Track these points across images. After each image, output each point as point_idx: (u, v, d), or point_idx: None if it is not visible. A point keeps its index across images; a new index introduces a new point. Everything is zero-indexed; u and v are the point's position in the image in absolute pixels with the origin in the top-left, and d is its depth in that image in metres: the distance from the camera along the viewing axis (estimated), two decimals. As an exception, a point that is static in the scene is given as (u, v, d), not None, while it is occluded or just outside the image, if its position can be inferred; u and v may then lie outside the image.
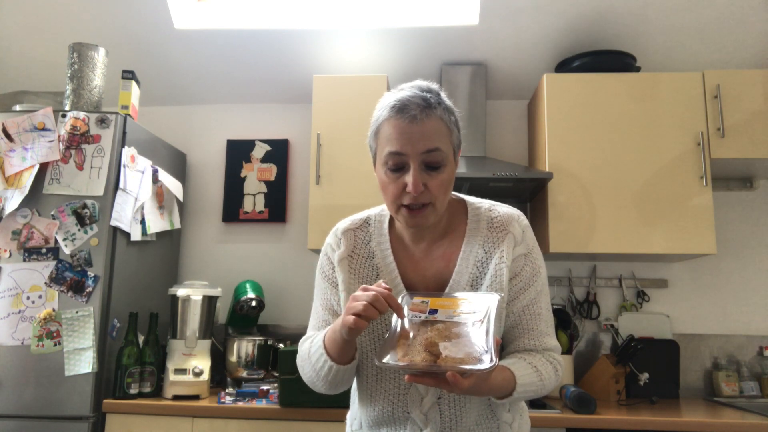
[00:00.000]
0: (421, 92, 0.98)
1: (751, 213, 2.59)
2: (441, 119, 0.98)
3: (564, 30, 2.45)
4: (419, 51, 2.58)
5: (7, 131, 2.13)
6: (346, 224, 1.16)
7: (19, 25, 2.58)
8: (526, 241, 1.08)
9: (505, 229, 1.07)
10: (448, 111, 1.01)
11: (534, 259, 1.09)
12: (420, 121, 0.95)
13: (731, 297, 2.54)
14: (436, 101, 0.98)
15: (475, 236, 1.08)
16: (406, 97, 0.97)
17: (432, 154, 0.96)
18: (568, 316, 2.43)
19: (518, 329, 1.07)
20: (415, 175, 0.96)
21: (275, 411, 1.94)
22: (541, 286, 1.09)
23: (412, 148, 0.96)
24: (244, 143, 2.80)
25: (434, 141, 0.96)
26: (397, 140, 0.96)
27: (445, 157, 0.98)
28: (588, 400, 1.92)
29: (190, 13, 2.51)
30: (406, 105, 0.96)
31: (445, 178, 0.99)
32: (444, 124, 0.98)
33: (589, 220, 2.26)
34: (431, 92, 1.00)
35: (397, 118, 0.97)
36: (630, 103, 2.31)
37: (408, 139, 0.96)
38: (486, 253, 1.06)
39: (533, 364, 1.03)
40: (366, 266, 1.11)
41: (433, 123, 0.97)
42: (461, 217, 1.11)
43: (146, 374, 2.11)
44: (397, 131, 0.96)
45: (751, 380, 2.39)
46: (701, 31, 2.42)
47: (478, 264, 1.06)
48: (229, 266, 2.73)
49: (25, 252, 2.07)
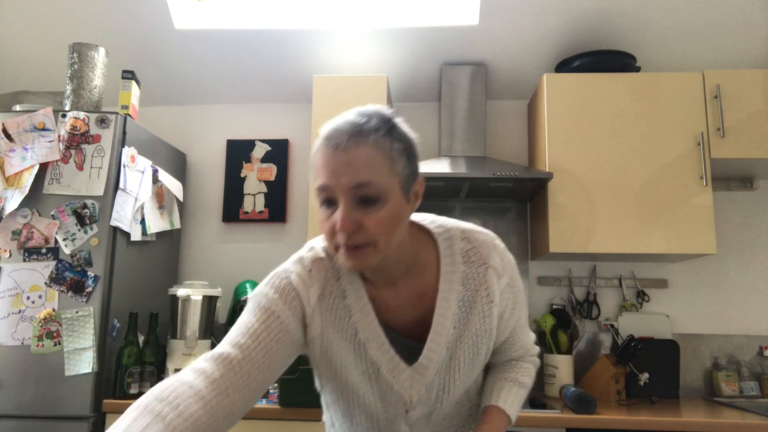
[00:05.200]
0: (356, 116, 0.84)
1: (751, 213, 2.59)
2: (376, 147, 0.82)
3: (564, 30, 2.45)
4: (419, 51, 2.58)
5: (7, 131, 2.13)
6: (313, 253, 0.97)
7: (19, 25, 2.58)
8: (507, 270, 1.00)
9: (484, 262, 0.97)
10: (394, 138, 0.85)
11: (515, 284, 1.02)
12: (345, 149, 0.81)
13: (731, 297, 2.54)
14: (372, 127, 0.83)
15: (452, 272, 0.96)
16: (337, 124, 0.84)
17: (362, 189, 0.81)
18: (568, 316, 2.43)
19: (505, 345, 1.09)
20: (344, 212, 0.82)
21: (275, 411, 1.94)
22: (522, 303, 1.05)
23: (337, 181, 0.81)
24: (244, 143, 2.81)
25: (363, 174, 0.81)
26: (322, 172, 0.83)
27: (383, 191, 0.82)
28: (588, 400, 1.92)
29: (190, 13, 2.51)
30: (334, 133, 0.83)
31: (385, 216, 0.83)
32: (381, 153, 0.82)
33: (589, 220, 2.26)
34: (372, 116, 0.85)
35: (323, 147, 0.83)
36: (630, 103, 2.31)
37: (333, 171, 0.82)
38: (467, 290, 0.96)
39: (517, 381, 1.09)
40: (338, 307, 0.95)
41: (364, 152, 0.81)
42: (430, 251, 0.98)
43: (146, 374, 2.11)
44: (322, 162, 0.83)
45: (751, 380, 2.39)
46: (701, 31, 2.42)
47: (461, 303, 0.96)
48: (229, 266, 2.73)
49: (25, 252, 2.07)
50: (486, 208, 2.68)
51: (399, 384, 0.96)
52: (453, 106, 2.58)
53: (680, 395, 2.39)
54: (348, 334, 0.95)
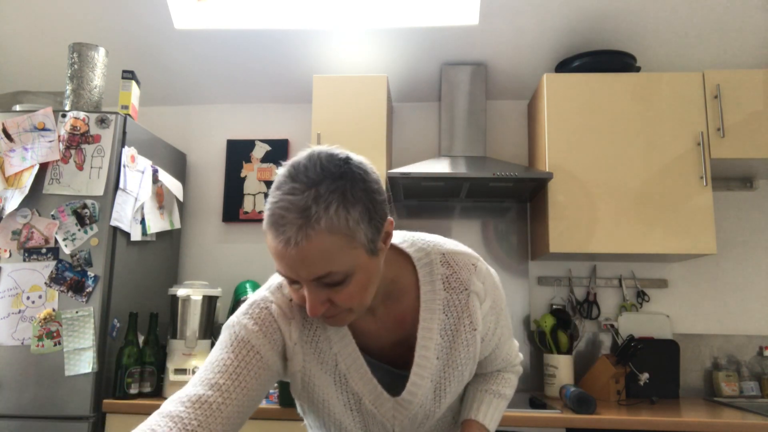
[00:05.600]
0: (301, 193, 0.73)
1: (751, 213, 2.59)
2: (330, 232, 0.72)
3: (564, 30, 2.45)
4: (419, 51, 2.58)
5: (7, 131, 2.13)
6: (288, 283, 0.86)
7: (19, 25, 2.58)
8: (488, 292, 0.96)
9: (465, 288, 0.93)
10: (348, 206, 0.73)
11: (498, 304, 0.98)
12: (296, 245, 0.72)
13: (731, 297, 2.54)
14: (323, 207, 0.72)
15: (432, 300, 0.92)
16: (280, 205, 0.74)
17: (324, 278, 0.75)
18: (568, 316, 2.43)
19: (486, 360, 1.08)
20: (310, 299, 0.77)
21: (275, 411, 1.94)
22: (504, 320, 1.03)
23: (296, 274, 0.75)
24: (244, 143, 2.81)
25: (321, 267, 0.73)
26: (278, 263, 0.76)
27: (346, 271, 0.76)
28: (588, 400, 1.92)
29: (190, 13, 2.51)
30: (280, 220, 0.73)
31: (354, 289, 0.78)
32: (337, 236, 0.73)
33: (589, 220, 2.26)
34: (319, 184, 0.73)
35: (272, 236, 0.74)
36: (630, 103, 2.32)
37: (289, 266, 0.75)
38: (449, 317, 0.93)
39: (498, 393, 1.10)
40: (319, 338, 0.90)
41: (316, 244, 0.72)
42: (408, 274, 0.93)
43: (146, 374, 2.11)
44: (274, 252, 0.75)
45: (751, 380, 2.39)
46: (701, 31, 2.42)
47: (443, 332, 0.93)
48: (229, 266, 2.73)
49: (25, 252, 2.07)
50: (486, 208, 2.68)
51: (382, 414, 0.94)
52: (453, 106, 2.58)
53: (680, 395, 2.39)
54: (329, 366, 0.91)
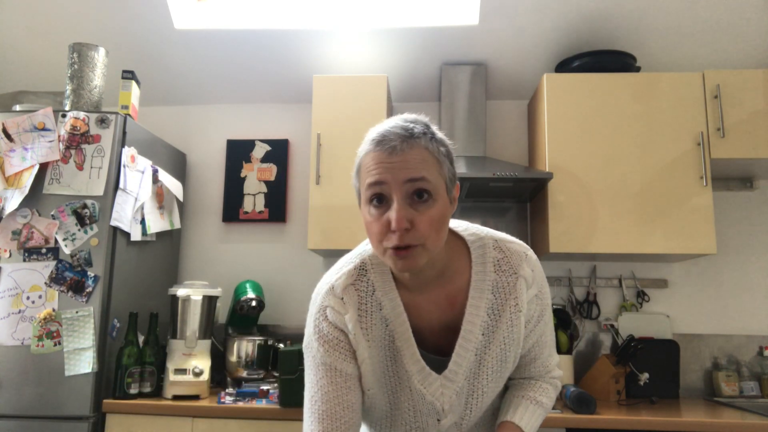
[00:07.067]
0: (404, 122, 0.90)
1: (751, 213, 2.59)
2: (427, 149, 0.88)
3: (564, 30, 2.45)
4: (419, 51, 2.58)
5: (7, 131, 2.13)
6: (342, 279, 0.99)
7: (19, 25, 2.58)
8: (537, 281, 1.01)
9: (515, 272, 0.99)
10: (437, 142, 0.91)
11: (544, 296, 1.03)
12: (401, 151, 0.86)
13: (731, 297, 2.54)
14: (421, 131, 0.89)
15: (482, 280, 0.98)
16: (387, 129, 0.89)
17: (416, 183, 0.86)
18: (568, 316, 2.43)
19: (526, 359, 1.08)
20: (399, 209, 0.85)
21: (275, 411, 1.94)
22: (548, 317, 1.06)
23: (393, 176, 0.85)
24: (244, 143, 2.81)
25: (418, 170, 0.86)
26: (377, 170, 0.87)
27: (434, 188, 0.87)
28: (588, 400, 1.92)
29: (190, 13, 2.51)
30: (386, 136, 0.88)
31: (435, 215, 0.87)
32: (431, 154, 0.88)
33: (589, 220, 2.26)
34: (417, 123, 0.91)
35: (376, 151, 0.88)
36: (630, 103, 2.31)
37: (388, 168, 0.86)
38: (496, 298, 0.98)
39: (534, 399, 1.08)
40: (375, 321, 0.98)
41: (417, 152, 0.87)
42: (462, 257, 1.00)
43: (146, 374, 2.11)
44: (375, 162, 0.87)
45: (751, 380, 2.39)
46: (701, 31, 2.42)
47: (490, 311, 0.98)
48: (229, 266, 2.73)
49: (25, 252, 2.07)
50: (486, 208, 2.68)
51: (431, 393, 0.98)
52: (453, 106, 2.58)
53: (680, 395, 2.39)
54: (385, 342, 0.98)
